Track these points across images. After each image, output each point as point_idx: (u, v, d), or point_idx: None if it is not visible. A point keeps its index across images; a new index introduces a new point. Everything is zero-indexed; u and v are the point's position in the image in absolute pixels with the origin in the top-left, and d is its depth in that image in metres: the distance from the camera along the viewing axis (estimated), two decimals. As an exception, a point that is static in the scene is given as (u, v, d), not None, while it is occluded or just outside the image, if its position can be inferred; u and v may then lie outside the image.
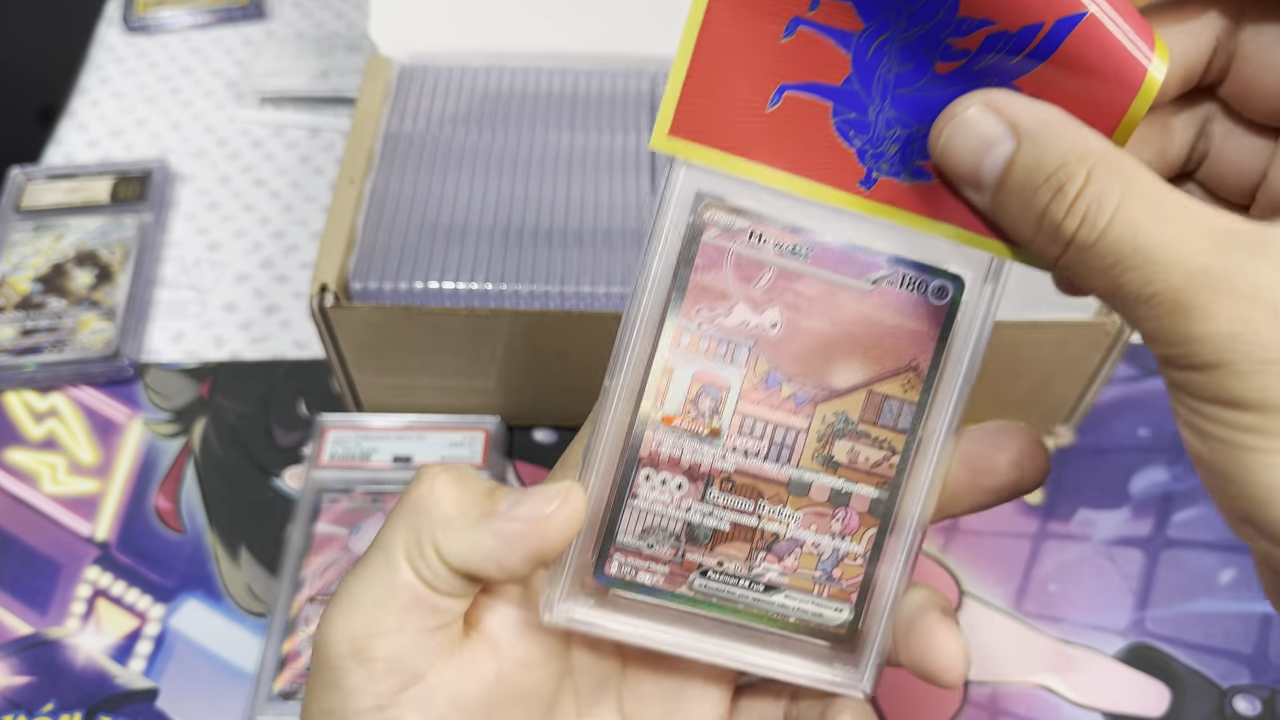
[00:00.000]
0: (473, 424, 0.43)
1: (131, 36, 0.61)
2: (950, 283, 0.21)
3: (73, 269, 0.48)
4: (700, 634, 0.22)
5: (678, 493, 0.22)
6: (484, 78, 0.47)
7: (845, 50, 0.20)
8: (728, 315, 0.21)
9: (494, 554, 0.21)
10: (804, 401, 0.21)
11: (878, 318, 0.21)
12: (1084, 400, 0.42)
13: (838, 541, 0.22)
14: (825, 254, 0.21)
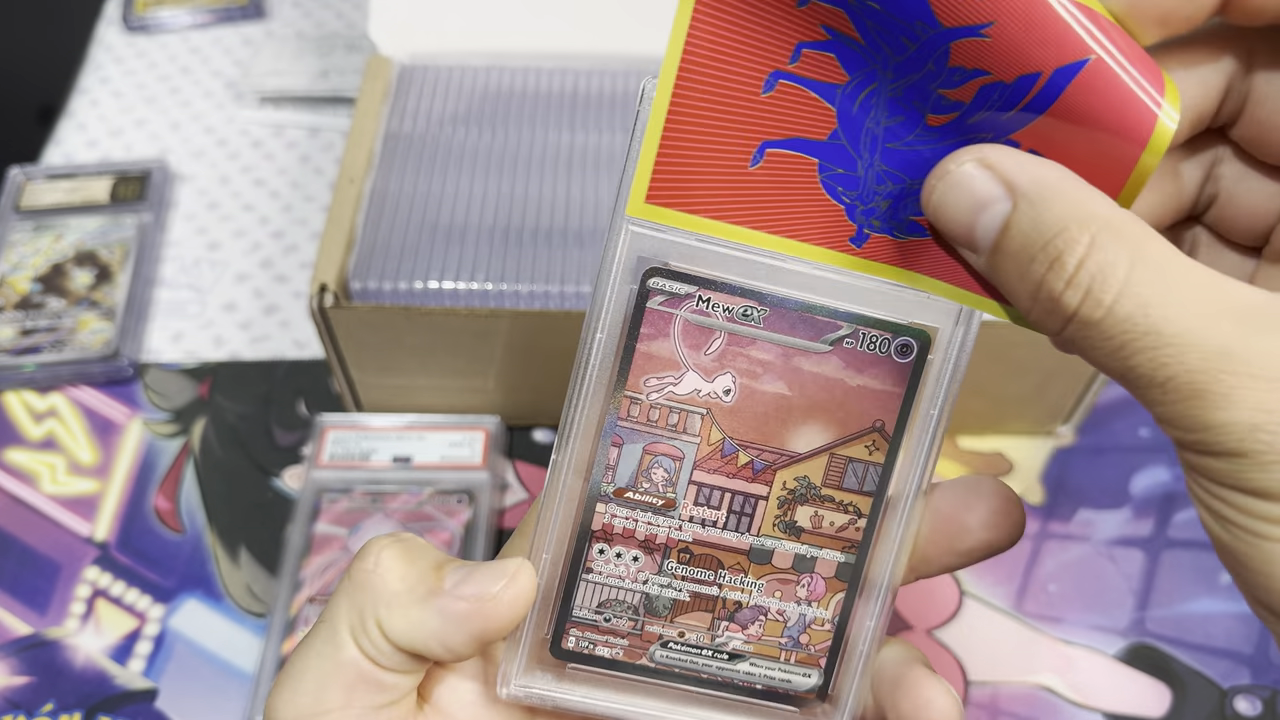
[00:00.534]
0: (472, 424, 0.43)
1: (131, 36, 0.61)
2: (914, 339, 0.21)
3: (72, 269, 0.48)
4: (667, 702, 0.22)
5: (633, 565, 0.21)
6: (484, 77, 0.47)
7: (830, 104, 0.19)
8: (677, 384, 0.21)
9: (438, 634, 0.20)
10: (762, 468, 0.21)
11: (838, 379, 0.21)
12: (1084, 400, 0.42)
13: (804, 608, 0.22)
14: (778, 317, 0.20)
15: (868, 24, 0.18)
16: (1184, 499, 0.43)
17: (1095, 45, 0.17)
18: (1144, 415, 0.46)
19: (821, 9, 0.18)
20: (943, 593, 0.40)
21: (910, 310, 0.20)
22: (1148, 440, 0.45)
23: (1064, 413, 0.43)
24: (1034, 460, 0.44)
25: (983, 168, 0.18)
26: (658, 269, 0.20)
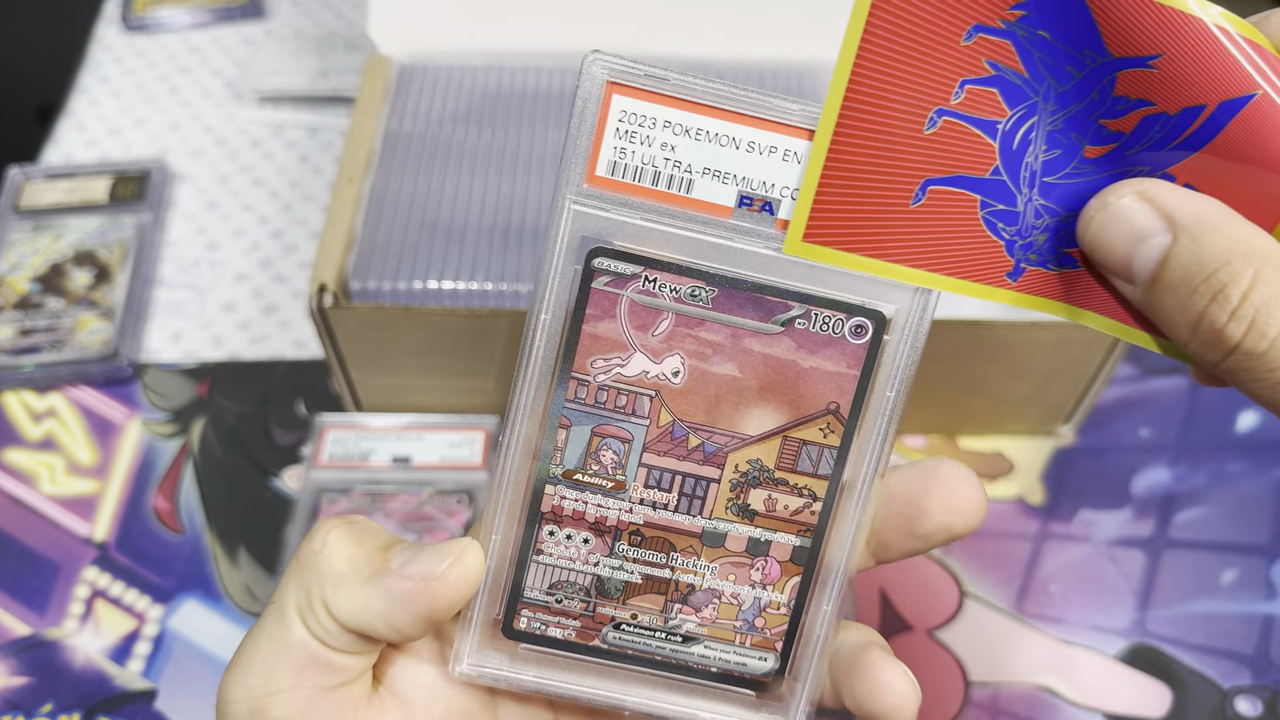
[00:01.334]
0: (472, 424, 0.43)
1: (130, 36, 0.61)
2: (869, 319, 0.20)
3: (71, 269, 0.48)
4: (620, 684, 0.22)
5: (584, 547, 0.21)
6: (483, 77, 0.47)
7: (991, 139, 0.19)
8: (625, 365, 0.20)
9: (384, 613, 0.20)
10: (714, 451, 0.21)
11: (790, 361, 0.20)
12: (1085, 400, 0.42)
13: (758, 591, 0.21)
14: (727, 298, 0.20)
15: (1034, 54, 0.18)
16: (1185, 499, 0.43)
17: (1262, 80, 0.17)
18: (1144, 415, 0.46)
19: (988, 42, 0.18)
20: (943, 593, 0.40)
21: (864, 290, 0.20)
22: (1148, 440, 0.45)
23: (1064, 413, 0.43)
24: (1035, 460, 0.44)
25: (1142, 200, 0.18)
26: (602, 249, 0.20)
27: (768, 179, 0.19)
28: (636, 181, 0.20)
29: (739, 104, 0.19)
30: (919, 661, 0.38)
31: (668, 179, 0.20)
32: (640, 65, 0.19)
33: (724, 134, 0.19)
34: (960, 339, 0.38)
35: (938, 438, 0.45)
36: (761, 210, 0.20)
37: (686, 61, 0.47)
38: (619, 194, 0.20)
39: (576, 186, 0.20)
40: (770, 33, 0.47)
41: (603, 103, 0.19)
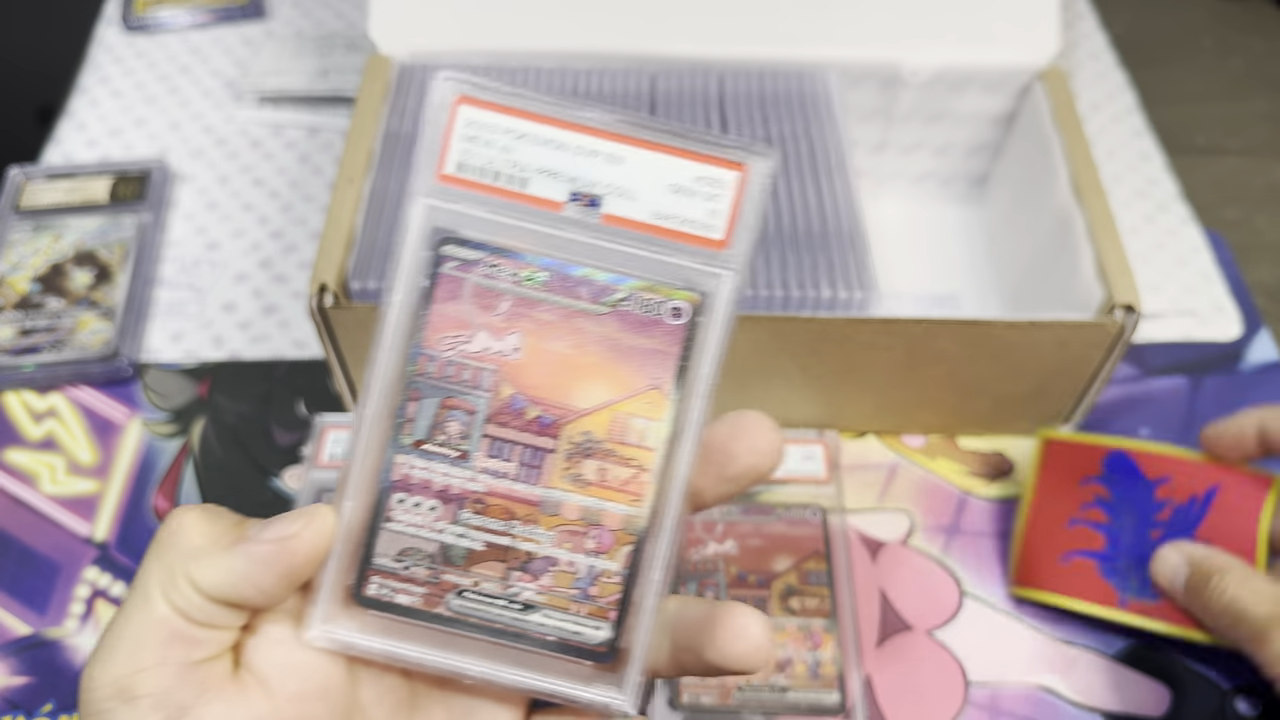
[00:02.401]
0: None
1: (130, 36, 0.61)
2: (685, 303, 0.22)
3: (71, 269, 0.48)
4: (464, 654, 0.23)
5: (431, 515, 0.22)
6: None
7: (1103, 533, 0.39)
8: (469, 343, 0.22)
9: (247, 575, 0.21)
10: (549, 423, 0.22)
11: (617, 339, 0.22)
12: (1085, 400, 0.42)
13: (592, 559, 0.23)
14: (561, 282, 0.22)
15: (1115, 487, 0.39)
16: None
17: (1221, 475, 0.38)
18: (1144, 415, 0.46)
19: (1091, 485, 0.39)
20: (943, 593, 0.40)
21: (683, 276, 0.22)
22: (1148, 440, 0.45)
23: (1065, 412, 0.43)
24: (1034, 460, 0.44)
25: (1176, 551, 0.37)
26: (450, 237, 0.22)
27: (595, 178, 0.22)
28: (480, 180, 0.22)
29: (567, 114, 0.22)
30: (919, 661, 0.38)
31: (507, 177, 0.22)
32: (485, 82, 0.22)
33: (556, 140, 0.22)
34: (960, 339, 0.38)
35: (938, 437, 0.45)
36: (589, 205, 0.22)
37: (686, 62, 0.47)
38: (465, 190, 0.22)
39: (428, 183, 0.22)
40: (769, 33, 0.47)
41: (451, 112, 0.22)
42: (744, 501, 0.41)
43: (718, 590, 0.39)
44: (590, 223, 0.22)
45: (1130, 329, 0.38)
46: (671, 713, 0.36)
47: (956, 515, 0.42)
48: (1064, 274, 0.41)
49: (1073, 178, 0.42)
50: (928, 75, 0.47)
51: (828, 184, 0.43)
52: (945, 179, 0.52)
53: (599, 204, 0.22)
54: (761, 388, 0.41)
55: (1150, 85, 0.60)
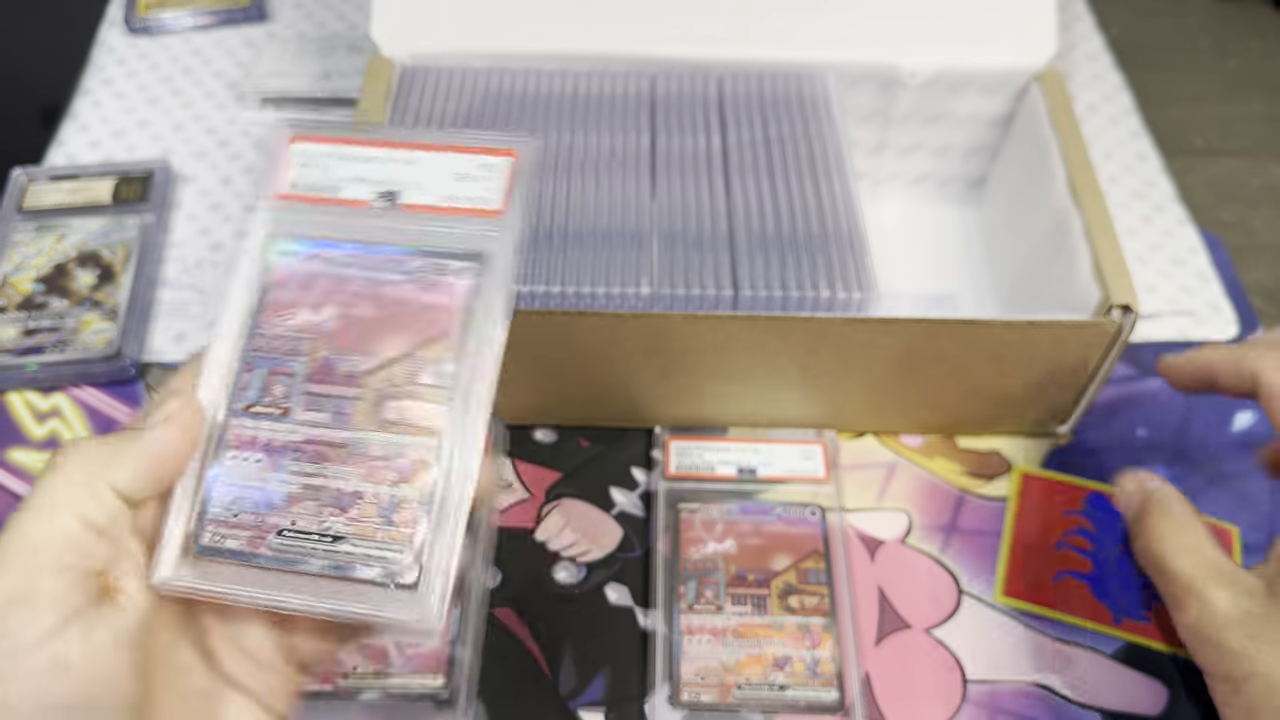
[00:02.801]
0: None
1: (133, 38, 0.61)
2: (469, 262, 0.27)
3: (75, 269, 0.49)
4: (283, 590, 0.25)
5: (256, 466, 0.26)
6: (484, 79, 0.47)
7: (1090, 560, 0.40)
8: (293, 319, 0.27)
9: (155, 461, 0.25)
10: (357, 374, 0.26)
11: (413, 299, 0.27)
12: (1082, 400, 0.42)
13: (394, 489, 0.25)
14: (366, 260, 0.27)
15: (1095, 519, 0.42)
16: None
17: None
18: (1142, 415, 0.46)
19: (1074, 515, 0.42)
20: (941, 592, 0.40)
21: (470, 242, 0.27)
22: (1145, 439, 0.45)
23: (1062, 412, 0.43)
24: (1032, 460, 0.44)
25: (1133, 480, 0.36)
26: (280, 236, 0.28)
27: (394, 178, 0.28)
28: (307, 194, 0.28)
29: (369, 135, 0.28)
30: (917, 659, 0.39)
31: (326, 189, 0.28)
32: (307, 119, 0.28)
33: (362, 155, 0.28)
34: (958, 339, 0.39)
35: (936, 437, 0.45)
36: (390, 199, 0.28)
37: (686, 64, 0.47)
38: (295, 202, 0.28)
39: (268, 199, 0.28)
40: (768, 36, 0.47)
41: (286, 147, 0.28)
42: (743, 501, 0.42)
43: (717, 589, 0.39)
44: (392, 212, 0.28)
45: (1127, 329, 0.38)
46: (671, 710, 0.36)
47: (954, 514, 0.43)
48: (1061, 274, 0.42)
49: (1070, 179, 0.42)
50: (926, 77, 0.47)
51: (826, 185, 0.43)
52: (943, 180, 0.52)
53: (397, 197, 0.28)
54: (760, 387, 0.42)
55: (1147, 87, 0.60)
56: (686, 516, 0.41)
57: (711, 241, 0.41)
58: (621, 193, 0.43)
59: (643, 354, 0.40)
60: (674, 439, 0.43)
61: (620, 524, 0.42)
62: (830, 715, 0.36)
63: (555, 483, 0.43)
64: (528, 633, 0.39)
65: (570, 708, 0.37)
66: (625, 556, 0.41)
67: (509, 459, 0.44)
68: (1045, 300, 0.43)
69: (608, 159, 0.44)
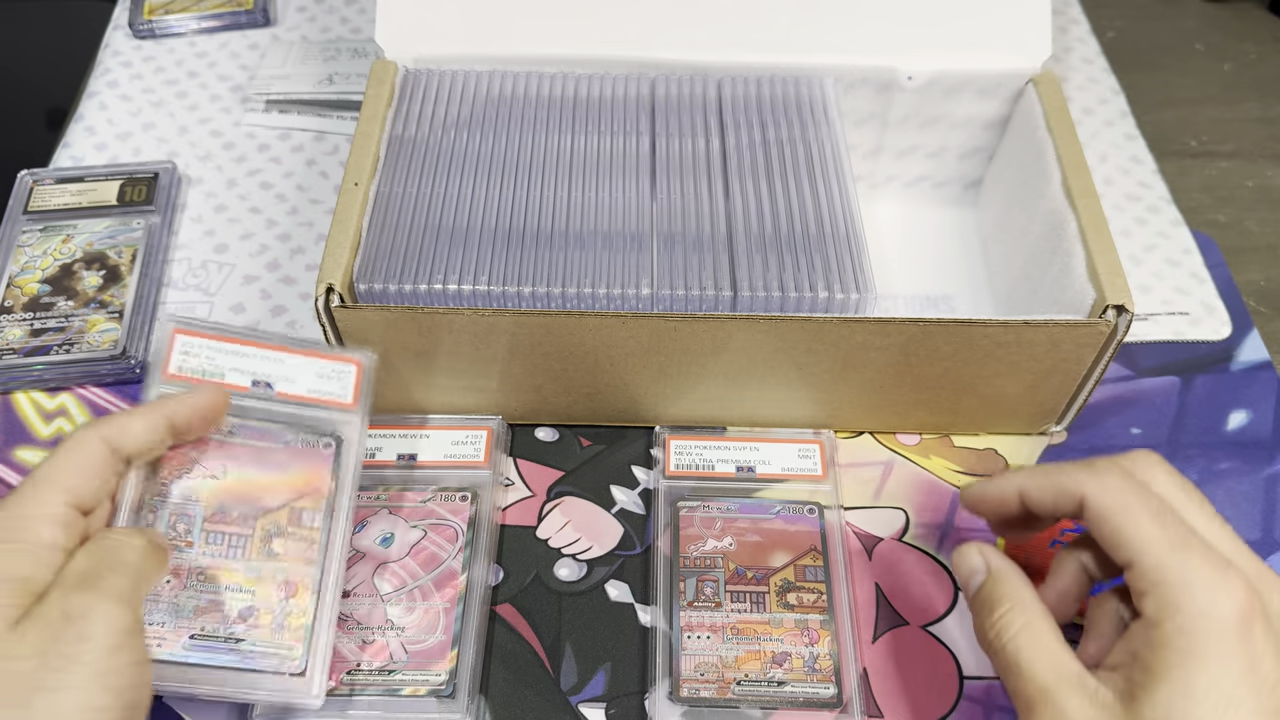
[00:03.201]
0: (476, 423, 0.43)
1: (138, 41, 0.62)
2: (333, 440, 0.36)
3: (81, 270, 0.49)
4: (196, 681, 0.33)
5: (169, 587, 0.33)
6: (487, 82, 0.47)
7: None
8: (189, 475, 0.34)
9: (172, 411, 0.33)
10: (248, 517, 0.34)
11: (289, 463, 0.35)
12: (1077, 400, 0.43)
13: (286, 603, 0.34)
14: (249, 433, 0.35)
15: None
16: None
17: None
18: (1136, 414, 0.46)
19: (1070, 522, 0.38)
20: (937, 588, 0.41)
21: (330, 425, 0.36)
22: (1140, 439, 0.45)
23: (1057, 412, 0.44)
24: (1027, 458, 0.45)
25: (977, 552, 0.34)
26: None
27: (268, 371, 0.36)
28: (193, 375, 0.35)
29: (247, 336, 0.36)
30: (914, 655, 0.39)
31: (210, 373, 0.35)
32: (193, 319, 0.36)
33: (240, 351, 0.36)
34: (954, 340, 0.39)
35: (932, 436, 0.45)
36: (266, 387, 0.36)
37: (685, 67, 0.48)
38: (185, 382, 0.35)
39: (157, 378, 0.35)
40: (767, 40, 0.47)
41: (171, 337, 0.35)
42: (742, 499, 0.42)
43: (716, 586, 0.40)
44: (268, 396, 0.36)
45: (1122, 329, 0.39)
46: (671, 706, 0.37)
47: (950, 512, 0.43)
48: (1056, 275, 0.42)
49: (1065, 181, 0.43)
50: (922, 81, 0.48)
51: (824, 187, 0.44)
52: (940, 182, 0.53)
53: (273, 385, 0.36)
54: (759, 387, 0.42)
55: (1142, 89, 0.60)
56: (686, 514, 0.42)
57: (711, 243, 0.42)
58: (622, 195, 0.43)
59: (643, 354, 0.40)
60: (673, 438, 0.44)
61: (621, 522, 0.43)
62: (828, 710, 0.37)
63: (556, 481, 0.44)
64: (529, 629, 0.39)
65: (571, 703, 0.38)
66: (625, 554, 0.42)
67: (511, 458, 0.44)
68: (1040, 301, 0.44)
69: (608, 162, 0.45)
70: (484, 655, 0.39)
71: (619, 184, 0.44)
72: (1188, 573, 0.28)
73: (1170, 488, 0.31)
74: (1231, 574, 0.28)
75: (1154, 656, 0.28)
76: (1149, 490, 0.30)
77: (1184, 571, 0.28)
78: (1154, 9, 0.67)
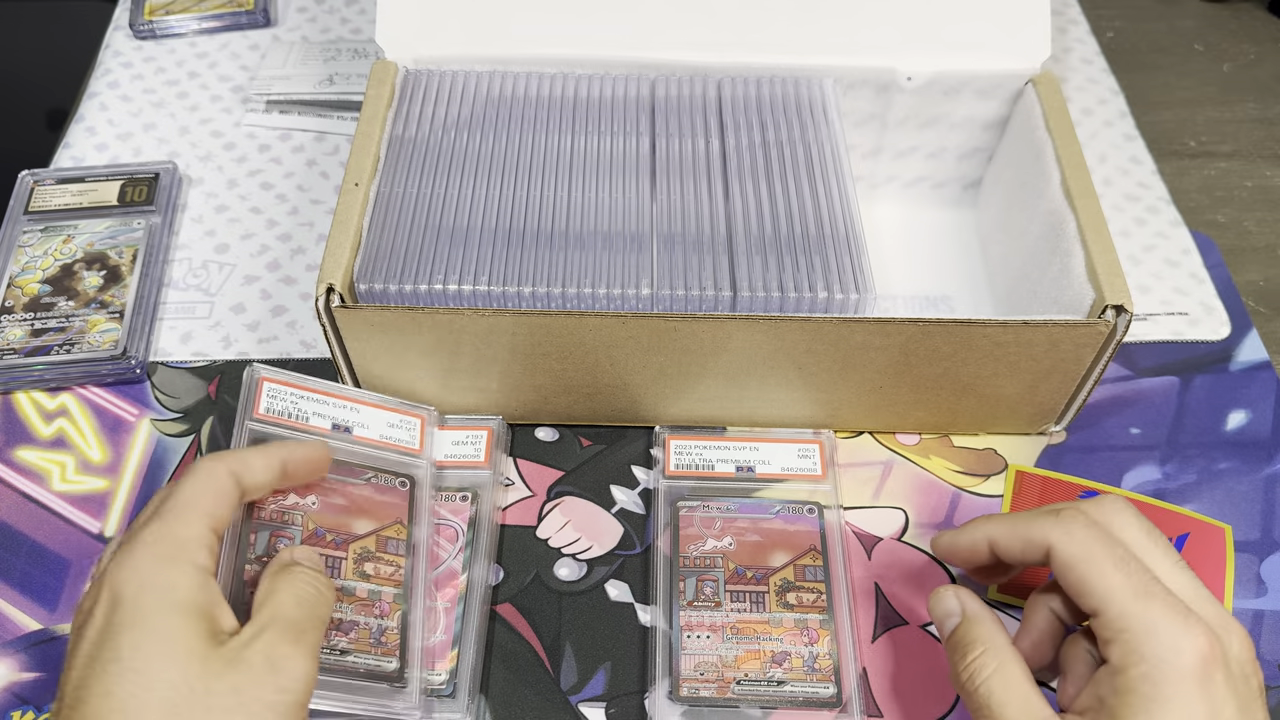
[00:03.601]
0: (476, 423, 0.43)
1: (139, 42, 0.62)
2: (407, 479, 0.40)
3: (82, 270, 0.49)
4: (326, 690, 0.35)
5: None
6: (487, 82, 0.47)
7: None
8: (285, 499, 0.37)
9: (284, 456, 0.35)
10: (341, 542, 0.37)
11: (375, 496, 0.39)
12: (1077, 399, 0.43)
13: (380, 621, 0.37)
14: (336, 468, 0.39)
15: None
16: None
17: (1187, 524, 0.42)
18: (1135, 414, 0.46)
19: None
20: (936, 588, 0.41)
21: (403, 467, 0.40)
22: (1139, 438, 0.46)
23: (1056, 412, 0.44)
24: (1026, 458, 0.45)
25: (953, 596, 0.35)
26: None
27: (346, 418, 0.40)
28: (280, 418, 0.39)
29: (325, 388, 0.40)
30: (914, 655, 0.39)
31: (296, 416, 0.39)
32: (276, 371, 0.39)
33: (321, 399, 0.40)
34: (953, 340, 0.39)
35: (931, 436, 0.45)
36: (345, 431, 0.40)
37: (685, 68, 0.48)
38: (273, 423, 0.39)
39: (249, 416, 0.38)
40: (767, 41, 0.48)
41: (259, 385, 0.39)
42: (742, 498, 0.42)
43: (716, 586, 0.40)
44: (347, 439, 0.40)
45: (1121, 329, 0.39)
46: (671, 705, 0.37)
47: (950, 512, 0.43)
48: (1056, 275, 0.42)
49: (1064, 181, 0.43)
50: (922, 81, 0.48)
51: (824, 188, 0.44)
52: (939, 183, 0.53)
53: (351, 430, 0.40)
54: (759, 387, 0.42)
55: (1141, 90, 0.61)
56: (686, 514, 0.42)
57: (711, 243, 0.42)
58: (622, 195, 0.43)
59: (643, 354, 0.40)
60: (673, 438, 0.44)
61: (620, 521, 0.43)
62: (827, 710, 0.37)
63: (556, 481, 0.44)
64: (529, 629, 0.40)
65: (571, 703, 0.38)
66: (625, 553, 0.42)
67: (511, 458, 0.45)
68: (1040, 301, 0.44)
69: (608, 162, 0.45)
70: (484, 655, 0.39)
71: (619, 184, 0.44)
72: (1150, 620, 0.29)
73: (1136, 533, 0.31)
74: (1193, 621, 0.29)
75: (1119, 702, 0.29)
76: (1114, 538, 0.31)
77: (1146, 619, 0.29)
78: (1153, 9, 0.67)
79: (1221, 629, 0.30)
